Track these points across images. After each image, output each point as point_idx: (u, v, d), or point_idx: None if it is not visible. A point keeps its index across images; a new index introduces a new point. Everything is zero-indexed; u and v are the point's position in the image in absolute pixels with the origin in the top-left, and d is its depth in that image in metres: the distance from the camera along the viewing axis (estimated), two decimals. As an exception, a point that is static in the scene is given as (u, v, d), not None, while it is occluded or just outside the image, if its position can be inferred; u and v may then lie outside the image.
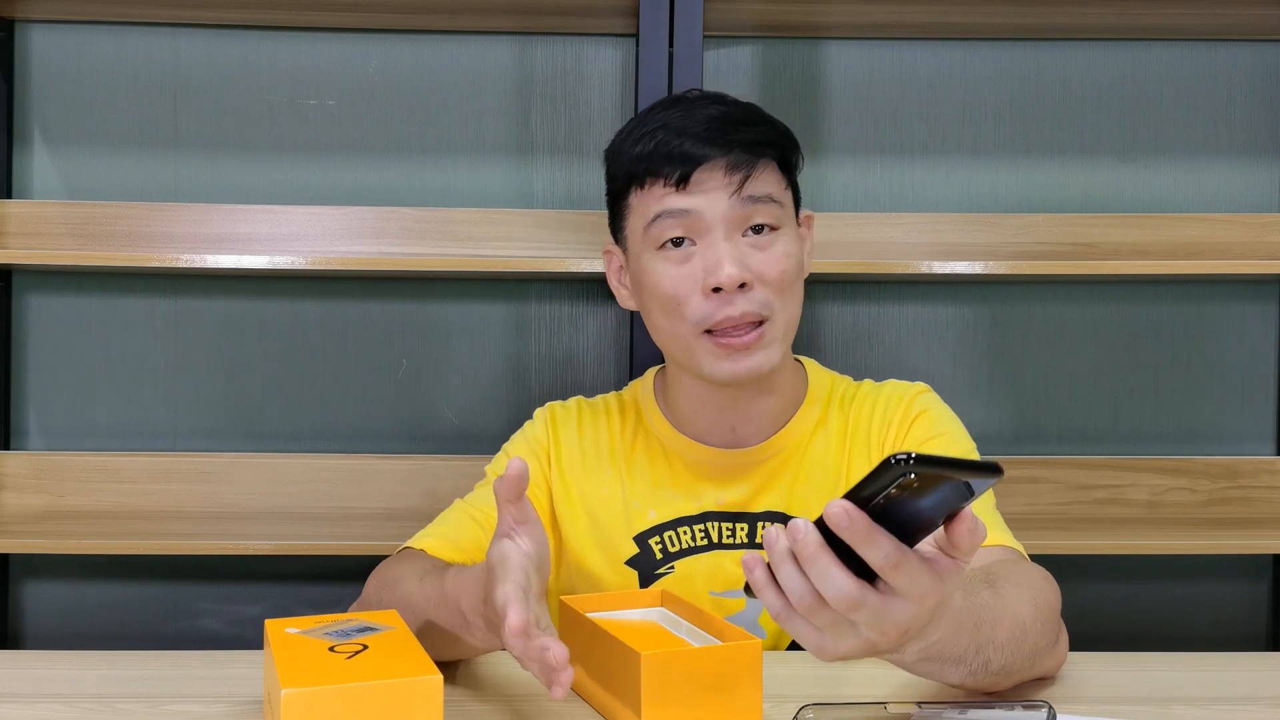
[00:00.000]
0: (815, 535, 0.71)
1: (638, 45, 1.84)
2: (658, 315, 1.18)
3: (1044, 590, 1.01)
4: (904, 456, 0.66)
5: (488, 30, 2.04)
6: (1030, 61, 2.08)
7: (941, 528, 0.74)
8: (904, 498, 0.69)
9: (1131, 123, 2.09)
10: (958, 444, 1.22)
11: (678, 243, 1.15)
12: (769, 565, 0.75)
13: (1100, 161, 2.09)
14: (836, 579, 0.71)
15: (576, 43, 2.06)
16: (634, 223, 1.19)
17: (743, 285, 1.13)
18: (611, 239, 1.26)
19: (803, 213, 1.25)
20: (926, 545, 0.75)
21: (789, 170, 1.20)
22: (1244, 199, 2.10)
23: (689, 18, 1.81)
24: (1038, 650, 0.96)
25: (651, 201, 1.16)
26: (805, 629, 0.75)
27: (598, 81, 2.06)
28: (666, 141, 1.14)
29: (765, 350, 1.15)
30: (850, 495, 0.70)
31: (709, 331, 1.14)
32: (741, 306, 1.13)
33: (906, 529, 0.71)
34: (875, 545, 0.70)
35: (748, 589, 0.77)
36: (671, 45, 1.82)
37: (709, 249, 1.14)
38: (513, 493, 0.89)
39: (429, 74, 2.05)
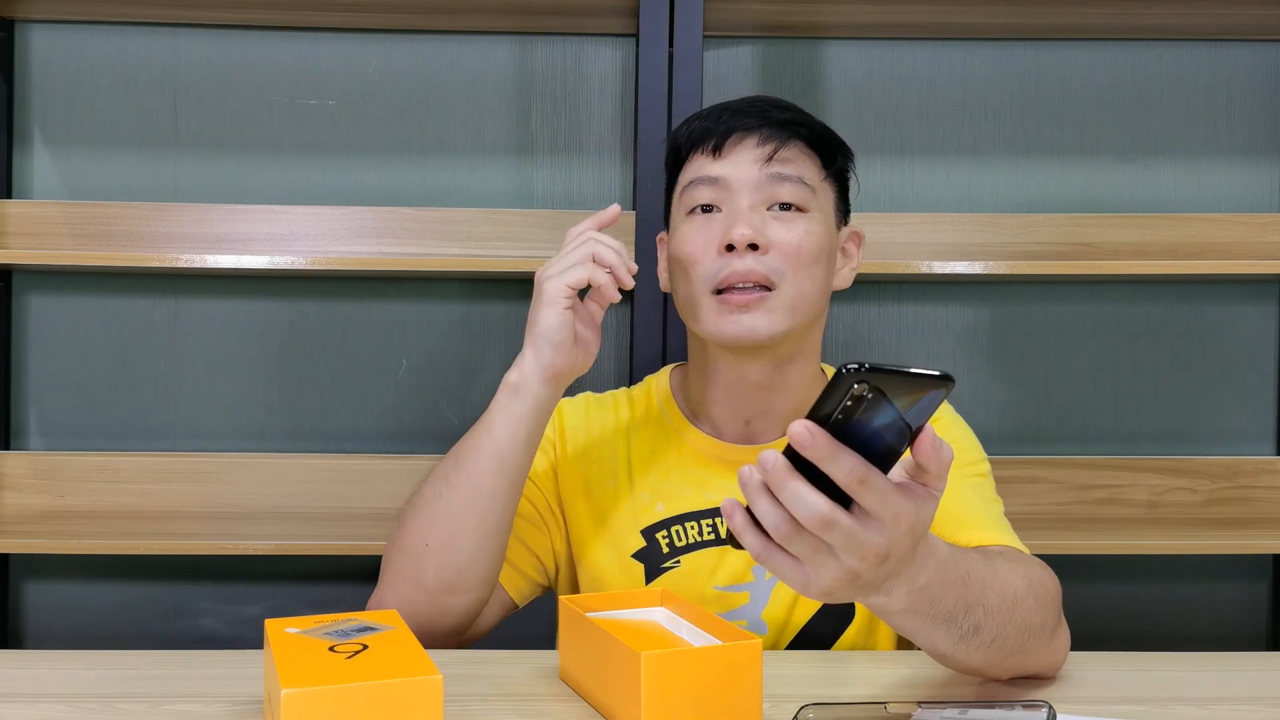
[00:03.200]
0: (784, 461, 0.73)
1: (638, 45, 1.84)
2: (678, 277, 1.22)
3: (1039, 573, 1.01)
4: (854, 366, 0.68)
5: (488, 30, 2.04)
6: (1030, 61, 2.09)
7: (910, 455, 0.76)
8: (861, 414, 0.70)
9: (1131, 123, 2.09)
10: (965, 453, 1.22)
11: (707, 209, 1.20)
12: (748, 509, 0.76)
13: (1100, 161, 2.09)
14: (807, 498, 0.73)
15: (576, 43, 2.06)
16: (676, 194, 1.25)
17: (755, 247, 1.16)
18: (665, 228, 1.31)
19: (850, 227, 1.27)
20: (897, 474, 0.77)
21: (829, 165, 1.24)
22: (1244, 199, 2.10)
23: (689, 18, 1.81)
24: (1030, 627, 0.95)
25: (690, 170, 1.23)
26: (787, 564, 0.77)
27: (598, 81, 2.06)
28: (709, 117, 1.23)
29: (767, 315, 1.16)
30: (809, 416, 0.72)
31: (718, 292, 1.17)
32: (750, 264, 1.16)
33: (872, 456, 0.73)
34: (839, 461, 0.72)
35: (731, 539, 0.78)
36: (671, 45, 1.83)
37: (730, 213, 1.18)
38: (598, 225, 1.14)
39: (429, 74, 2.05)
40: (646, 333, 1.83)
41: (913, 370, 0.69)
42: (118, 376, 2.04)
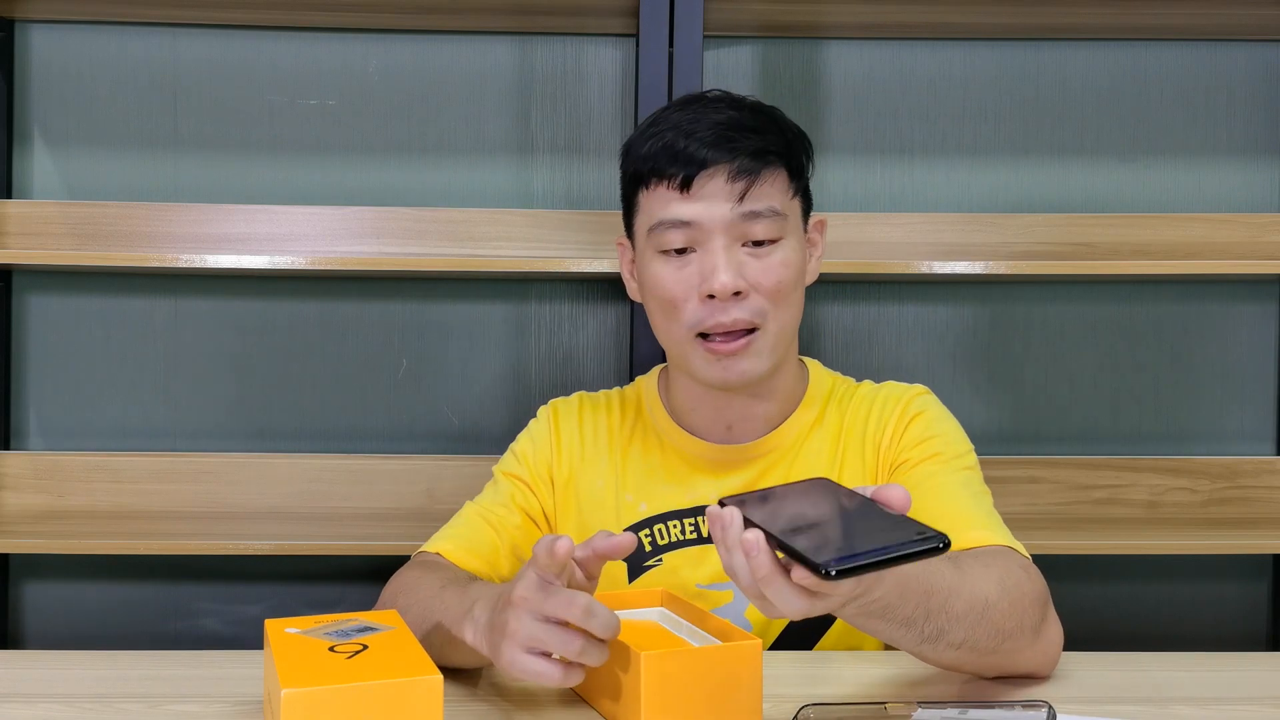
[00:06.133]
0: (768, 558, 0.76)
1: (638, 45, 1.84)
2: (657, 315, 1.21)
3: (1016, 575, 1.01)
4: (835, 571, 0.71)
5: (488, 30, 2.04)
6: (1030, 61, 2.08)
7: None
8: None
9: (1131, 123, 2.09)
10: (953, 446, 1.21)
11: (679, 250, 1.17)
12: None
13: (1100, 161, 2.09)
14: (789, 600, 0.77)
15: (576, 43, 2.06)
16: (640, 222, 1.21)
17: (737, 294, 1.14)
18: (624, 232, 1.28)
19: (814, 217, 1.26)
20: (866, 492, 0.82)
21: (798, 176, 1.20)
22: (1244, 199, 2.10)
23: (689, 18, 1.81)
24: (1005, 631, 0.95)
25: (656, 204, 1.17)
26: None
27: (598, 81, 2.06)
28: (673, 143, 1.15)
29: (754, 358, 1.17)
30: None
31: (702, 335, 1.16)
32: (734, 314, 1.14)
33: None
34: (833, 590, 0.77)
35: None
36: (671, 45, 1.82)
37: (707, 256, 1.15)
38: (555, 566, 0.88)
39: (429, 74, 2.05)
40: (646, 332, 1.83)
41: (894, 556, 0.73)
42: (118, 376, 2.04)
